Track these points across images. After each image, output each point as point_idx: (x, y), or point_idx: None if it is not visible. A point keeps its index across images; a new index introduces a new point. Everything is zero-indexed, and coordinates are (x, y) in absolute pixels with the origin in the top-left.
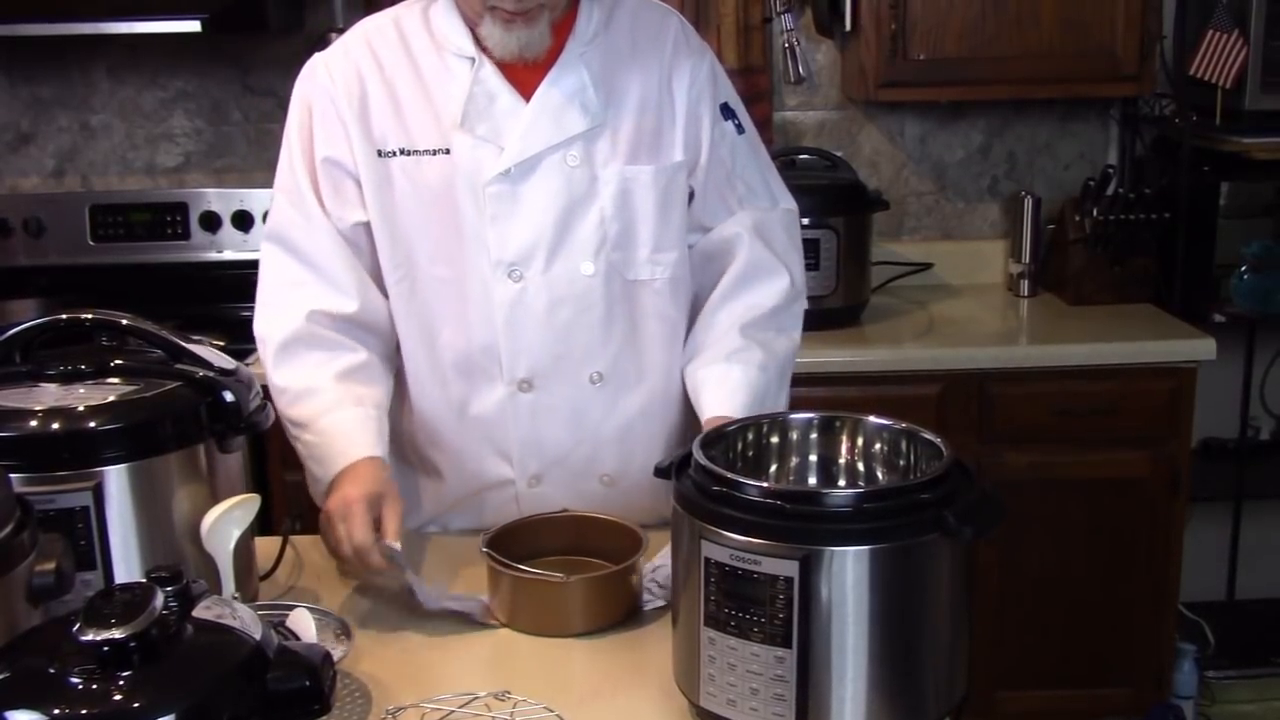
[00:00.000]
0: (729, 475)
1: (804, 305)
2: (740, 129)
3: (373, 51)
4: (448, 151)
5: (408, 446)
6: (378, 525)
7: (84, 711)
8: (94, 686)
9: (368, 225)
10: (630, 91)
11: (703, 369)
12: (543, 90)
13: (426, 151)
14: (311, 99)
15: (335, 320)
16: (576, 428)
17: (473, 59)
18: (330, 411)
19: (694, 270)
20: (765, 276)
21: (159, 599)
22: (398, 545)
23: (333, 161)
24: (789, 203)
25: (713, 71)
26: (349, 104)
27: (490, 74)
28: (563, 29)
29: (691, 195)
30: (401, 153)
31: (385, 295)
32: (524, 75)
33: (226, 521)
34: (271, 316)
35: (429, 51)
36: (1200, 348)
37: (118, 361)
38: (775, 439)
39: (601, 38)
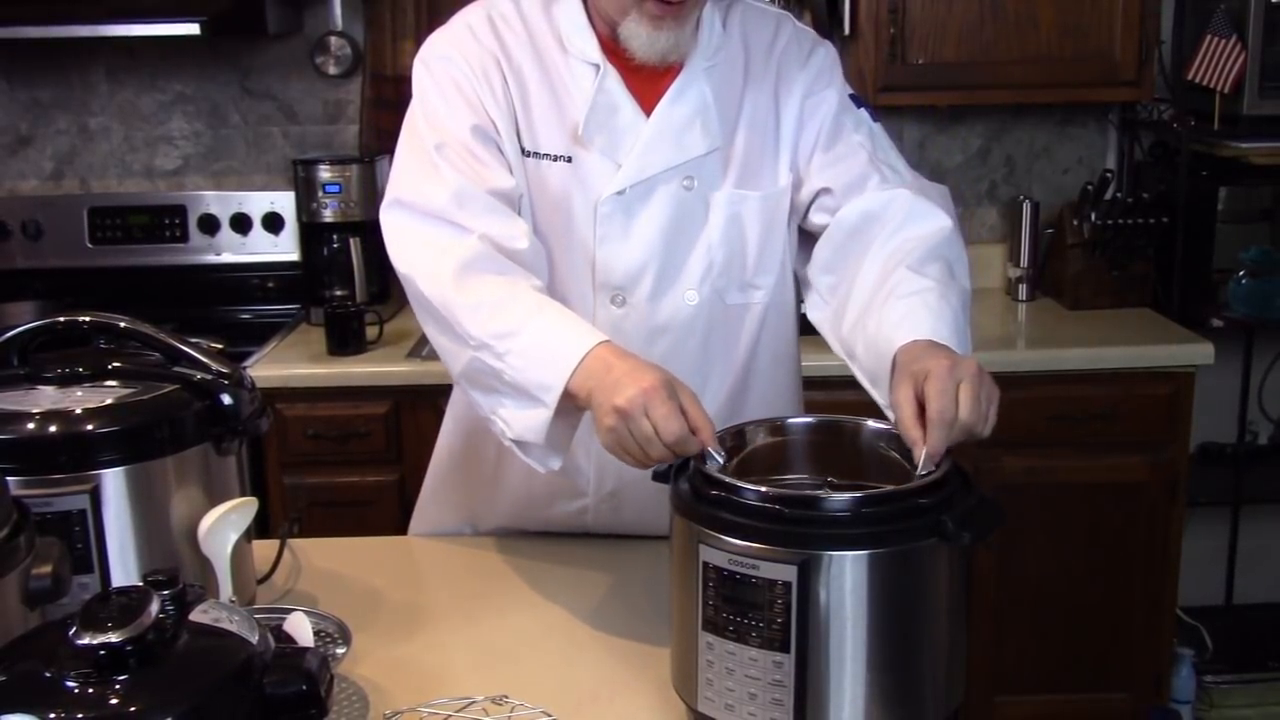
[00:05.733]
0: (727, 479)
1: (963, 244)
2: (875, 117)
3: (499, 39)
4: (569, 160)
5: (486, 455)
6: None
7: (80, 716)
8: (90, 691)
9: (521, 199)
10: (743, 111)
11: (871, 315)
12: (664, 107)
13: (548, 156)
14: (450, 80)
15: (507, 252)
16: None
17: (597, 66)
18: (542, 310)
19: (833, 252)
20: (923, 217)
21: (156, 603)
22: (719, 452)
23: (482, 131)
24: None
25: (824, 72)
26: (490, 93)
27: (614, 84)
28: None
29: (817, 196)
30: (528, 154)
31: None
32: (646, 87)
33: (224, 524)
34: (434, 254)
35: (553, 49)
36: (1198, 352)
37: (115, 364)
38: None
39: (722, 50)
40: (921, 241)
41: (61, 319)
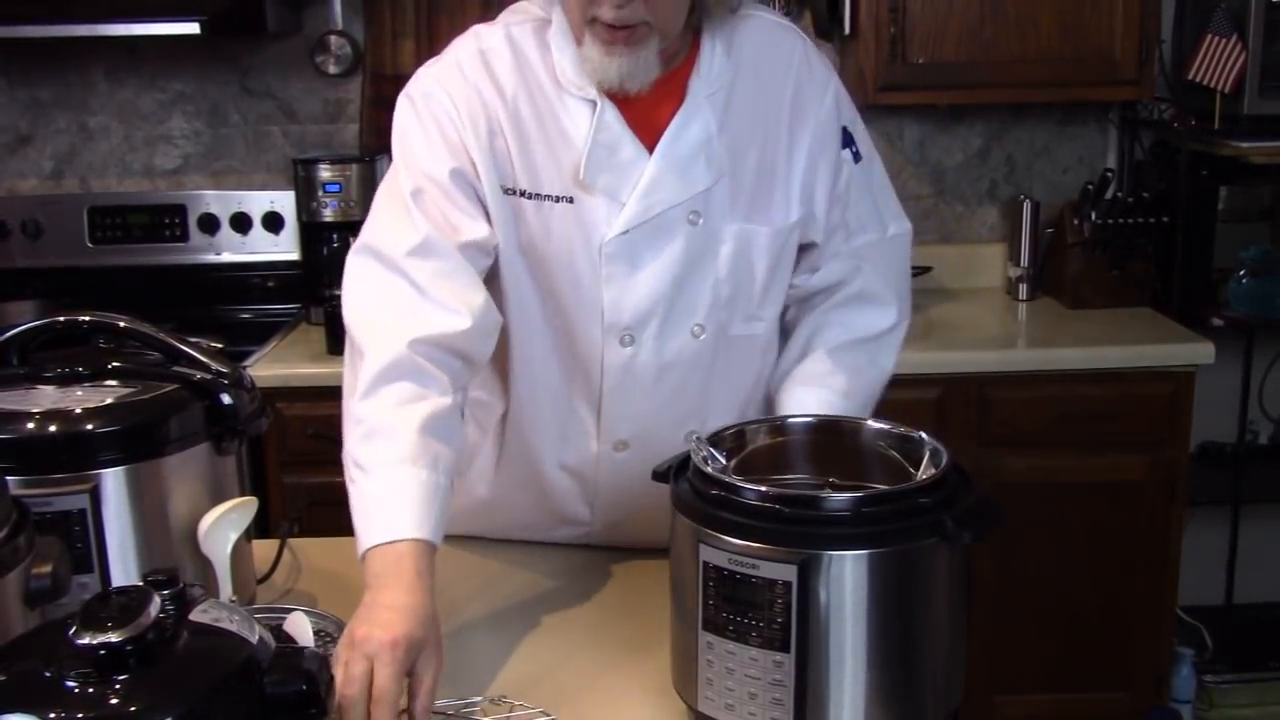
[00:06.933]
0: (727, 479)
1: (904, 333)
2: (857, 156)
3: (492, 75)
4: (571, 200)
5: (478, 491)
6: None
7: (80, 716)
8: (90, 690)
9: (495, 246)
10: (753, 137)
11: (782, 392)
12: (667, 142)
13: (550, 197)
14: (432, 119)
15: (440, 346)
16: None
17: (594, 102)
18: (400, 465)
19: (794, 308)
20: (869, 304)
21: (155, 602)
22: None
23: (462, 176)
24: (899, 226)
25: (836, 101)
26: (475, 135)
27: (613, 120)
28: (683, 66)
29: (808, 245)
30: (526, 195)
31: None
32: (646, 120)
33: (224, 524)
34: (372, 339)
35: (548, 84)
36: (1199, 352)
37: (115, 364)
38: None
39: (726, 75)
40: (853, 331)
41: (61, 318)
